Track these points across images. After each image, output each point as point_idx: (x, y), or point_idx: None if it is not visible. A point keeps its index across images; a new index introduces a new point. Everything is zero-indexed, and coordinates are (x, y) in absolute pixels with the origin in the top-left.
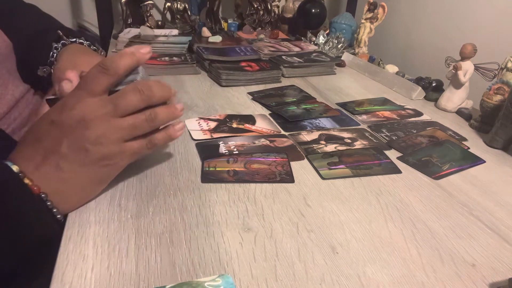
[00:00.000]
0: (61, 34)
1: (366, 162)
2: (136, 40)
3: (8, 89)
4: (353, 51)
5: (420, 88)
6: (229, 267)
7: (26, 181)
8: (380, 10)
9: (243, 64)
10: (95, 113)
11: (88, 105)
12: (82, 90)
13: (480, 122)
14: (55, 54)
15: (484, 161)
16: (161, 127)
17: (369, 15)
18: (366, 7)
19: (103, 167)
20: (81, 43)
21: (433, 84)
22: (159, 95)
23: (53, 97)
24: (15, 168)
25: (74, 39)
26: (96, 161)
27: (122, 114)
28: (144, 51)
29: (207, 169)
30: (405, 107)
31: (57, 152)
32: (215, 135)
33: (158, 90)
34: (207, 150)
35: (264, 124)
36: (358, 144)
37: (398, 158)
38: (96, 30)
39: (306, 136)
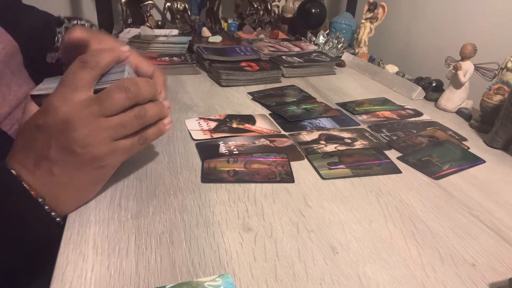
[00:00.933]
0: (62, 17)
1: (366, 162)
2: (136, 40)
3: (11, 90)
4: (353, 51)
5: (420, 88)
6: (229, 267)
7: (25, 184)
8: (380, 10)
9: (243, 64)
10: (80, 114)
11: (73, 105)
12: (65, 87)
13: (480, 122)
14: (59, 39)
15: (484, 161)
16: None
17: (369, 15)
18: (366, 7)
19: (96, 169)
20: (83, 25)
21: (433, 84)
22: (147, 92)
23: (37, 92)
24: (13, 172)
25: (76, 21)
26: (88, 163)
27: (109, 114)
28: (124, 49)
29: (207, 169)
30: (405, 107)
31: (47, 157)
32: (215, 135)
33: (145, 87)
34: (207, 150)
35: (264, 124)
36: (358, 144)
37: (398, 158)
38: None
39: (306, 136)
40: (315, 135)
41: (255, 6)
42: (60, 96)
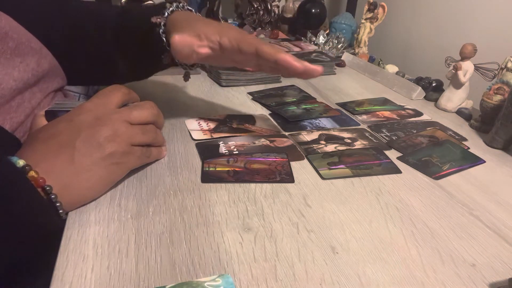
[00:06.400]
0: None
1: (366, 162)
2: None
3: (25, 97)
4: (353, 51)
5: (420, 88)
6: (229, 267)
7: (31, 173)
8: (380, 10)
9: None
10: (111, 116)
11: (105, 110)
12: (99, 98)
13: (480, 122)
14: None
15: (484, 161)
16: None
17: (369, 15)
18: (366, 7)
19: (112, 164)
20: (190, 10)
21: (433, 84)
22: (162, 119)
23: (55, 108)
24: (21, 162)
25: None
26: (106, 158)
27: (133, 122)
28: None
29: (207, 169)
30: (405, 107)
31: (72, 145)
32: (215, 135)
33: (162, 116)
34: (207, 150)
35: (264, 124)
36: (358, 144)
37: (398, 158)
38: None
39: (306, 136)
40: (315, 135)
41: (255, 6)
42: (95, 103)
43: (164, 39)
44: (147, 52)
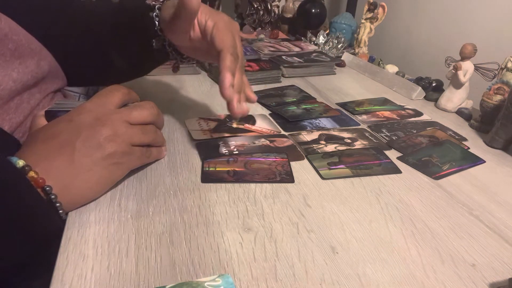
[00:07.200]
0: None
1: (366, 162)
2: None
3: (23, 98)
4: (353, 51)
5: (420, 88)
6: (229, 267)
7: (31, 174)
8: (380, 10)
9: None
10: (111, 116)
11: (105, 110)
12: (99, 98)
13: (480, 122)
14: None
15: (484, 161)
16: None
17: (369, 15)
18: (366, 7)
19: (112, 165)
20: None
21: (433, 84)
22: (162, 119)
23: (52, 108)
24: (21, 162)
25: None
26: (106, 158)
27: (133, 122)
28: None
29: (207, 169)
30: (405, 107)
31: (72, 145)
32: (215, 135)
33: (162, 116)
34: (207, 150)
35: (264, 124)
36: (358, 144)
37: (398, 158)
38: None
39: (306, 136)
40: (315, 135)
41: (255, 6)
42: (95, 103)
43: (157, 23)
44: (139, 37)
